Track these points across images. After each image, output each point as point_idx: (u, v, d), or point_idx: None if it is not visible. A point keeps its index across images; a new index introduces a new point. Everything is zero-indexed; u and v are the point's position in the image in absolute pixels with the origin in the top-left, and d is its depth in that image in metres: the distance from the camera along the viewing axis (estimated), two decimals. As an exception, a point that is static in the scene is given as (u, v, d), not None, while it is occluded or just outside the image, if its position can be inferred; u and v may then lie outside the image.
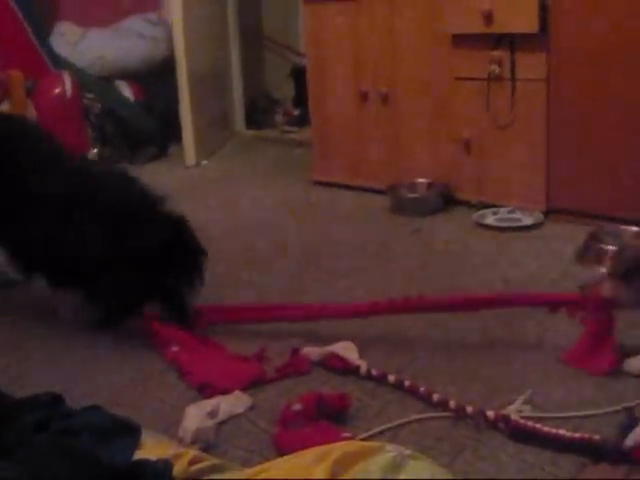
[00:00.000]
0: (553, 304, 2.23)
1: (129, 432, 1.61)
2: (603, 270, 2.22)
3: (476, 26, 3.34)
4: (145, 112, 4.97)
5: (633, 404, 1.86)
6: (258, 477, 1.39)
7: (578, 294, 2.22)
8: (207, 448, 1.77)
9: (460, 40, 3.46)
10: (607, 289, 2.13)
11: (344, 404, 1.91)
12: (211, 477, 1.45)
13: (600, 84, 3.13)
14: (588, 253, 2.91)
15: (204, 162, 4.81)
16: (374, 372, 2.07)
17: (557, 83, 3.24)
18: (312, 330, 2.38)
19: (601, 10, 3.07)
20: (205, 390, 2.04)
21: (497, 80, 3.39)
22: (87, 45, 5.04)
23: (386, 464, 1.34)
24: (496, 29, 3.31)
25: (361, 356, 2.14)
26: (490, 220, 3.38)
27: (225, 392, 2.00)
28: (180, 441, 1.76)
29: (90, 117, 4.76)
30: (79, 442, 1.54)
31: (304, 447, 1.52)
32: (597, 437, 1.71)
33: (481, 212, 3.45)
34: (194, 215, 2.50)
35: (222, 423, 1.89)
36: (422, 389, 1.97)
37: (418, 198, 3.67)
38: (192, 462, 1.51)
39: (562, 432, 1.74)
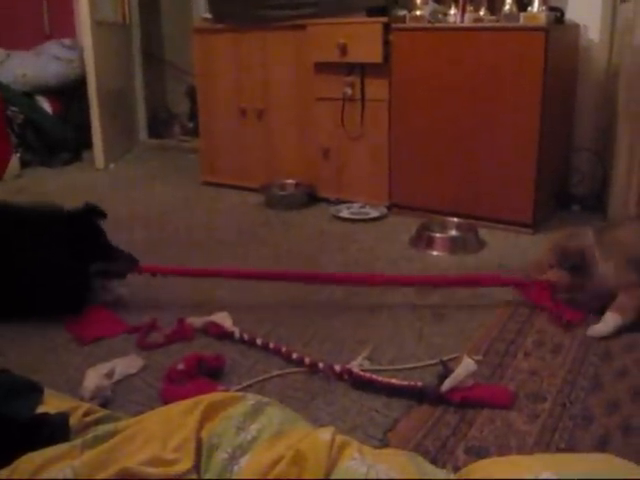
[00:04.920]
0: (508, 285, 2.35)
1: (33, 391, 1.54)
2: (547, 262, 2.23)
3: (333, 56, 3.36)
4: (61, 123, 4.81)
5: (448, 358, 1.91)
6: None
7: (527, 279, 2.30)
8: (105, 403, 1.73)
9: (321, 67, 3.47)
10: (552, 276, 2.19)
11: (220, 363, 1.91)
12: (99, 426, 1.41)
13: (431, 104, 3.19)
14: (420, 239, 2.98)
15: (112, 165, 4.67)
16: (245, 336, 2.07)
17: (396, 103, 3.30)
18: (195, 303, 2.37)
19: (429, 45, 3.14)
20: (84, 337, 2.11)
21: (350, 100, 3.42)
22: (11, 65, 4.82)
23: (246, 410, 1.34)
24: (349, 59, 3.33)
25: (235, 323, 2.13)
26: (345, 213, 3.40)
27: (101, 337, 2.13)
28: (81, 399, 1.71)
29: (13, 126, 4.60)
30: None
31: (185, 399, 1.49)
32: (420, 384, 1.76)
33: (338, 207, 3.47)
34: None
35: (118, 382, 1.85)
36: (284, 349, 1.98)
37: (287, 195, 3.67)
38: (86, 414, 1.47)
39: (393, 381, 1.78)
